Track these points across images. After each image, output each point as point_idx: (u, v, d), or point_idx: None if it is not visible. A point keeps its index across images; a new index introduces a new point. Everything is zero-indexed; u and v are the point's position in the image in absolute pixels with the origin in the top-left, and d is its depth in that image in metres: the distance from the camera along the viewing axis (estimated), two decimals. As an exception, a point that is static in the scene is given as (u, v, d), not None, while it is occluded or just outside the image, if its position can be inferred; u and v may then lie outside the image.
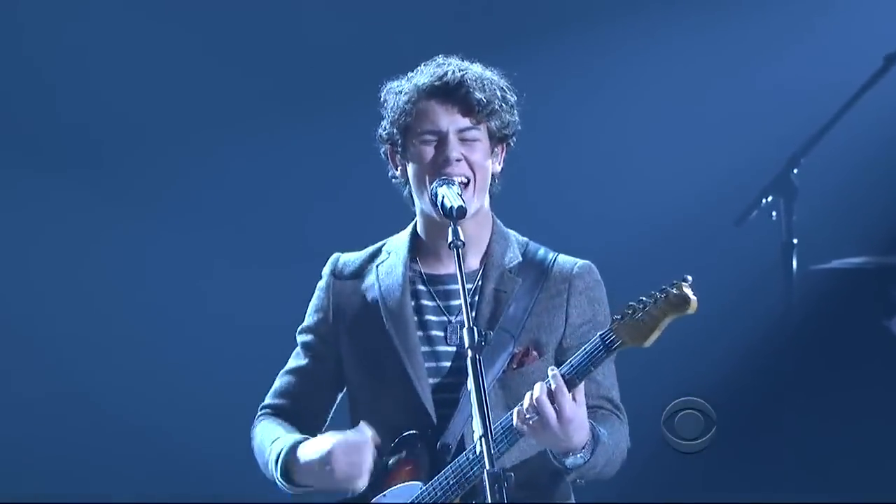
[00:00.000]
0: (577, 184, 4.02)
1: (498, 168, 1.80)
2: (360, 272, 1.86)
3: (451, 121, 1.73)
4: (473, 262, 1.79)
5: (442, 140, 1.73)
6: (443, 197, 1.62)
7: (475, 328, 1.48)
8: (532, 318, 1.74)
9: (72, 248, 4.17)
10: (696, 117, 4.03)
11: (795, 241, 3.76)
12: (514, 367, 1.70)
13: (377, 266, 1.84)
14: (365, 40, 4.09)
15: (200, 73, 4.15)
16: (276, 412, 1.88)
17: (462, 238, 1.57)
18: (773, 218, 3.78)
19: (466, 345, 1.47)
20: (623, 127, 4.06)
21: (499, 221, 1.86)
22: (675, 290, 1.47)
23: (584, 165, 4.02)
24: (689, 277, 1.50)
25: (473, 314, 1.73)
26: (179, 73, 4.15)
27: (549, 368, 1.57)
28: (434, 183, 1.67)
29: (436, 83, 1.74)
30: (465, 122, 1.73)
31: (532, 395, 1.55)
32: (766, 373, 3.92)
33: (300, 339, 1.90)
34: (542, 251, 1.82)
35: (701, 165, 4.00)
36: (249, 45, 4.15)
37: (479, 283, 1.78)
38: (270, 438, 1.79)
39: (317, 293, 1.90)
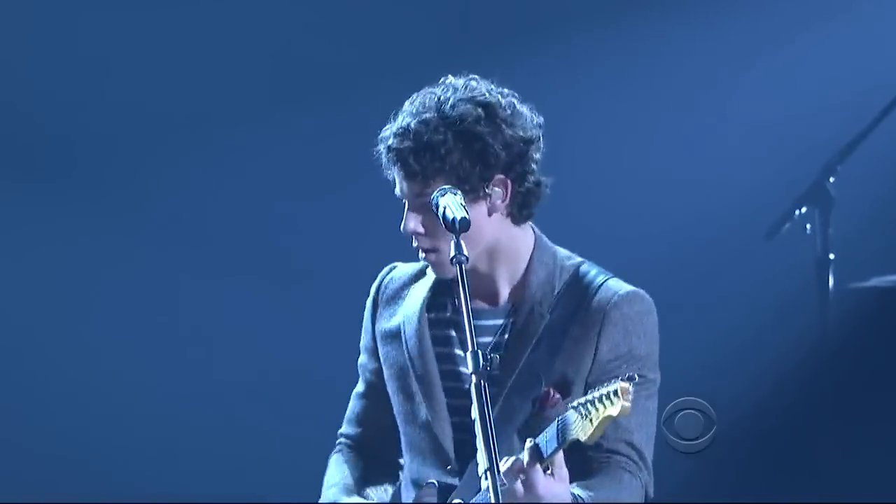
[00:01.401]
0: (594, 195, 4.02)
1: (499, 203, 1.72)
2: (401, 291, 1.88)
3: (403, 186, 1.73)
4: (504, 292, 1.78)
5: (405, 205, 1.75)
6: (444, 208, 1.58)
7: (479, 352, 1.46)
8: (562, 354, 1.72)
9: (47, 256, 4.23)
10: (723, 121, 4.03)
11: (832, 256, 3.74)
12: (536, 411, 1.68)
13: (412, 288, 1.86)
14: (363, 36, 4.12)
15: (182, 72, 4.18)
16: (349, 441, 1.94)
17: (465, 253, 1.54)
18: (808, 231, 3.76)
19: (470, 370, 1.45)
20: (644, 133, 4.06)
21: (543, 241, 1.82)
22: (613, 390, 1.45)
23: (601, 175, 4.02)
24: (636, 377, 1.48)
25: (502, 353, 1.73)
26: (158, 73, 4.19)
27: (528, 440, 1.56)
28: (436, 194, 1.63)
29: (381, 145, 1.74)
30: (415, 187, 1.70)
31: (508, 460, 1.54)
32: (802, 398, 3.90)
33: (359, 359, 1.95)
34: (591, 274, 1.77)
35: (728, 174, 4.00)
36: (233, 46, 4.18)
37: (511, 319, 1.76)
38: (328, 483, 1.89)
39: (366, 309, 1.93)
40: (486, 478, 1.40)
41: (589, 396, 1.48)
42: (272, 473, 4.16)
